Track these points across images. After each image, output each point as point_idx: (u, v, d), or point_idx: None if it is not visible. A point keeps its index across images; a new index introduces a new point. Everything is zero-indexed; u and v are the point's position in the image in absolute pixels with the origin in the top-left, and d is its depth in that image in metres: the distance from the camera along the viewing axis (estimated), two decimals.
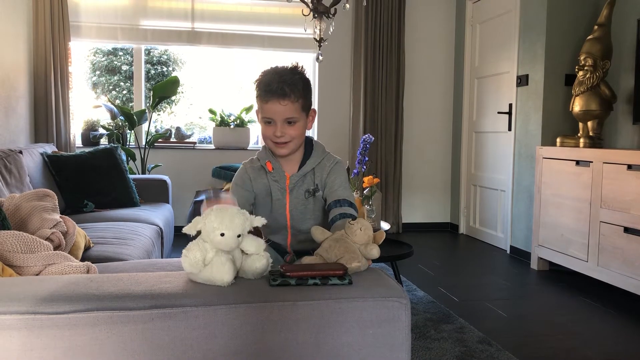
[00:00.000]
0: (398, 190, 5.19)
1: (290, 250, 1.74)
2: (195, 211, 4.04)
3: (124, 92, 5.85)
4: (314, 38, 3.96)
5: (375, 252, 1.31)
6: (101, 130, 4.91)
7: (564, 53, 3.97)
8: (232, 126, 5.05)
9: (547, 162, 3.76)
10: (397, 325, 1.11)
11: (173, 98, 5.65)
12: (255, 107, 1.67)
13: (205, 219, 1.16)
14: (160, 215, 3.44)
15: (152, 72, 5.91)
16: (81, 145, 4.84)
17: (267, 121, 1.62)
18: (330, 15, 3.87)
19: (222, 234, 1.14)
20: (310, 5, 3.84)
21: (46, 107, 4.45)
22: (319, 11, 3.83)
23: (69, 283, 1.11)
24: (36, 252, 1.56)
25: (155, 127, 5.47)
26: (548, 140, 3.98)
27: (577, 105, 3.66)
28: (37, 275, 1.54)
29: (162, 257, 3.13)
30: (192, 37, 4.89)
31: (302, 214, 1.69)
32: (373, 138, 3.55)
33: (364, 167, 3.38)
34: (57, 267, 1.56)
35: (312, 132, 5.26)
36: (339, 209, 1.62)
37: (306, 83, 1.63)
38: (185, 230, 1.17)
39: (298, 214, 1.69)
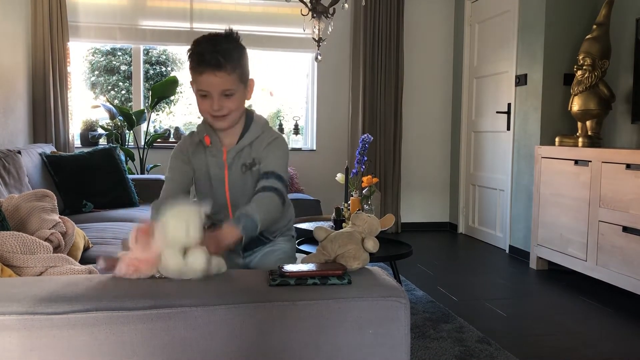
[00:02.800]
0: (397, 189, 5.19)
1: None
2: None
3: (123, 92, 5.84)
4: (313, 38, 3.96)
5: (371, 245, 1.28)
6: (100, 131, 4.90)
7: (562, 52, 3.98)
8: None
9: (546, 161, 3.76)
10: (396, 325, 1.11)
11: (172, 98, 5.64)
12: (189, 78, 1.54)
13: (165, 226, 1.16)
14: None
15: (151, 72, 5.91)
16: (80, 146, 4.84)
17: (202, 94, 1.50)
18: (329, 15, 3.87)
19: (187, 229, 1.15)
20: (309, 5, 3.84)
21: (45, 108, 4.45)
22: (318, 11, 3.83)
23: (68, 283, 1.11)
24: (36, 253, 1.55)
25: (154, 127, 5.46)
26: (547, 139, 3.99)
27: (575, 105, 3.66)
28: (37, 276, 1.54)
29: None
30: (191, 37, 4.81)
31: (241, 190, 1.59)
32: (372, 138, 3.55)
33: (363, 166, 3.38)
34: (59, 270, 1.56)
35: (311, 128, 5.27)
36: (263, 181, 1.52)
37: (242, 53, 1.52)
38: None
39: (237, 191, 1.59)
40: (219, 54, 1.44)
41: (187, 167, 1.61)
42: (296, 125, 5.23)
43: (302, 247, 2.78)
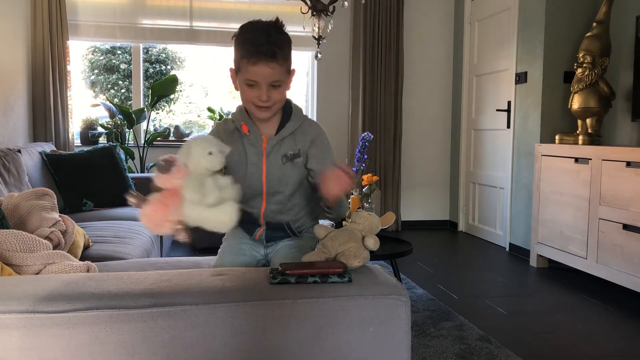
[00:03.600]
0: (397, 188, 5.19)
1: (262, 222, 1.64)
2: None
3: (123, 90, 5.84)
4: (313, 36, 3.96)
5: (371, 243, 1.28)
6: (100, 129, 4.90)
7: (562, 50, 3.97)
8: None
9: (546, 159, 3.76)
10: (397, 323, 1.11)
11: (172, 96, 5.64)
12: (230, 66, 1.51)
13: (188, 149, 1.15)
14: None
15: (151, 70, 5.90)
16: (80, 144, 4.83)
17: (250, 84, 1.47)
18: (329, 13, 3.86)
19: (210, 152, 1.14)
20: (308, 3, 3.83)
21: (45, 106, 4.44)
22: (318, 9, 3.83)
23: (69, 282, 1.10)
24: (35, 252, 1.55)
25: (154, 125, 5.46)
26: (547, 137, 3.98)
27: (575, 103, 3.66)
28: (36, 274, 1.54)
29: (161, 256, 3.13)
30: (191, 36, 4.89)
31: (279, 180, 1.57)
32: (372, 136, 3.55)
33: (363, 165, 3.38)
34: (57, 266, 1.56)
35: None
36: None
37: (290, 42, 1.50)
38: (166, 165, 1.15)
39: (275, 180, 1.57)
40: (275, 46, 1.42)
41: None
42: None
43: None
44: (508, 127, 4.46)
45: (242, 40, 1.45)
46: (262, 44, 1.41)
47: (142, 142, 4.86)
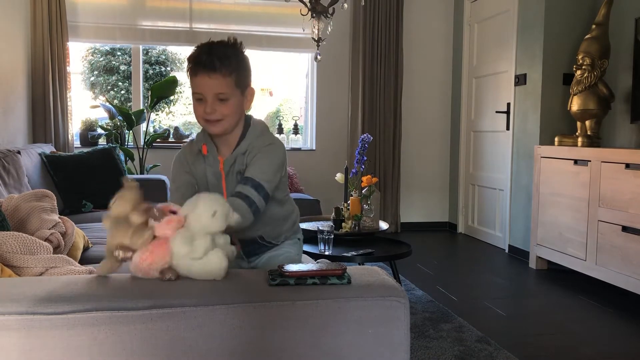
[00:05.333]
0: (396, 189, 5.19)
1: (235, 240, 1.57)
2: None
3: (122, 92, 5.84)
4: (312, 38, 3.96)
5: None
6: (99, 131, 4.90)
7: (562, 52, 3.98)
8: None
9: (545, 161, 3.76)
10: (396, 325, 1.11)
11: (171, 98, 5.64)
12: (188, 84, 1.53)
13: (195, 202, 1.15)
14: None
15: (150, 72, 5.91)
16: (79, 146, 4.83)
17: (198, 98, 1.49)
18: (329, 15, 3.86)
19: (214, 213, 1.14)
20: (308, 5, 3.84)
21: (44, 108, 4.44)
22: (317, 11, 3.83)
23: (68, 283, 1.10)
24: (36, 254, 1.55)
25: (154, 127, 5.46)
26: (546, 139, 3.99)
27: (575, 105, 3.66)
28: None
29: None
30: (191, 37, 4.89)
31: None
32: (371, 137, 3.55)
33: (363, 166, 3.38)
34: (59, 270, 1.56)
35: (311, 128, 5.27)
36: (239, 187, 1.49)
37: (241, 59, 1.51)
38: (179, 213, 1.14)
39: None
40: (214, 57, 1.45)
41: (189, 177, 1.60)
42: (295, 125, 5.23)
43: (303, 247, 2.78)
44: (507, 128, 4.46)
45: (189, 56, 1.50)
46: (202, 56, 1.46)
47: (142, 143, 4.86)
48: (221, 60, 1.45)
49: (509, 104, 4.44)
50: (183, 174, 1.60)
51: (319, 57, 4.09)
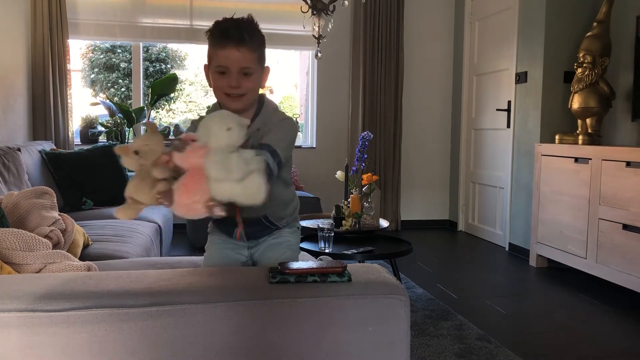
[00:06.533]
0: (397, 187, 5.19)
1: (239, 219, 1.54)
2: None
3: (123, 89, 5.84)
4: (313, 35, 3.96)
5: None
6: (100, 128, 4.90)
7: (563, 50, 3.97)
8: None
9: (545, 159, 3.76)
10: (396, 322, 1.11)
11: (171, 95, 5.64)
12: (204, 62, 1.50)
13: (206, 127, 1.11)
14: (159, 213, 3.44)
15: (151, 69, 5.90)
16: (80, 143, 4.83)
17: (221, 71, 1.46)
18: (329, 12, 3.86)
19: (229, 128, 1.10)
20: (308, 2, 3.83)
21: (44, 105, 4.44)
22: (318, 8, 3.82)
23: (68, 280, 1.10)
24: (35, 250, 1.55)
25: None
26: (547, 137, 3.98)
27: (575, 103, 3.66)
28: (36, 273, 1.54)
29: (161, 255, 3.13)
30: (191, 35, 4.88)
31: None
32: (372, 135, 3.55)
33: (363, 164, 3.38)
34: (57, 266, 1.56)
35: (311, 126, 5.27)
36: (255, 152, 1.46)
37: (262, 36, 1.51)
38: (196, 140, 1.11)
39: None
40: (244, 30, 1.45)
41: None
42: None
43: (302, 245, 2.78)
44: (508, 126, 4.46)
45: (213, 30, 1.49)
46: (231, 29, 1.45)
47: None
48: (250, 35, 1.45)
49: (509, 102, 4.43)
50: None
51: (319, 54, 4.09)
